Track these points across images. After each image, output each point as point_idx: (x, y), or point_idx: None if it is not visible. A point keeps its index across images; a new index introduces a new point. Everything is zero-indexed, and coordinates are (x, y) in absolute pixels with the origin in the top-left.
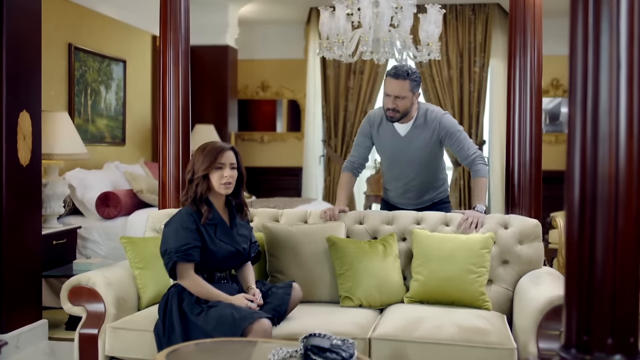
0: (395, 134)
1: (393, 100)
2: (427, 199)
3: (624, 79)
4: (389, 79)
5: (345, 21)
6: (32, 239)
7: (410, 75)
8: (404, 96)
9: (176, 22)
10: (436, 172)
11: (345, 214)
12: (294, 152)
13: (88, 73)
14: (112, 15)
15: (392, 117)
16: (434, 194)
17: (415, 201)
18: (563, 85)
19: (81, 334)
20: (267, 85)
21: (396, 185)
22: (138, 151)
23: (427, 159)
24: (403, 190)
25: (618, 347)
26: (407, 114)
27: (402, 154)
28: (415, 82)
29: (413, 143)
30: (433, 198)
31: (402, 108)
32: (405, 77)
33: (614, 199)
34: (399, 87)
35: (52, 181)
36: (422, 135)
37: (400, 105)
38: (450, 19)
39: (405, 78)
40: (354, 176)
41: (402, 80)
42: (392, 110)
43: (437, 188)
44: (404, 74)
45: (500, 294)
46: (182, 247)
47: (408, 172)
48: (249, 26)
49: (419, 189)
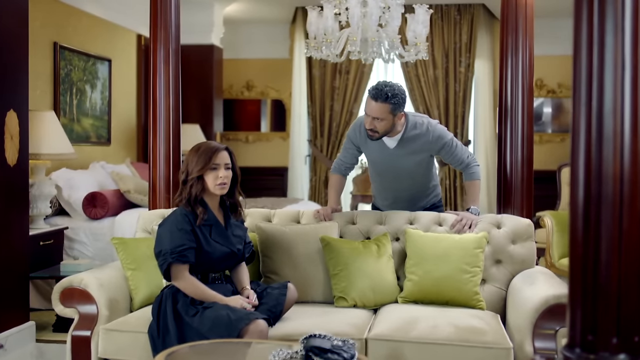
0: (383, 146)
1: (371, 121)
2: (419, 207)
3: (628, 79)
4: (369, 99)
5: (333, 21)
6: (20, 240)
7: (390, 98)
8: (382, 118)
9: (166, 21)
10: (427, 182)
11: (338, 214)
12: (279, 152)
13: (73, 72)
14: (98, 14)
15: (372, 136)
16: (426, 200)
17: (407, 208)
18: (547, 86)
19: (74, 336)
20: (252, 84)
21: (386, 195)
22: (123, 151)
23: (417, 170)
24: (393, 200)
25: (623, 347)
26: (387, 133)
27: (392, 166)
28: (395, 104)
29: (403, 156)
30: (424, 205)
31: (381, 129)
32: (384, 100)
33: (619, 198)
34: (377, 109)
35: (39, 181)
36: (412, 148)
37: (378, 126)
38: (436, 19)
39: (384, 101)
40: (344, 177)
41: (381, 102)
42: (371, 131)
43: (428, 195)
44: (383, 96)
45: (493, 293)
46: (177, 249)
47: (398, 184)
48: (234, 25)
49: (410, 199)
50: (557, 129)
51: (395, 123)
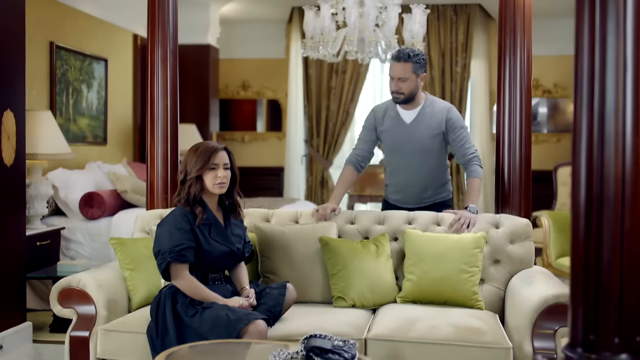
0: (400, 121)
1: (396, 83)
2: (428, 196)
3: (630, 78)
4: (392, 62)
5: (330, 21)
6: (17, 240)
7: (412, 57)
8: (406, 78)
9: (164, 20)
10: (439, 166)
11: (337, 214)
12: (275, 151)
13: (69, 72)
14: (94, 14)
15: (397, 98)
16: (436, 192)
17: (416, 198)
18: (543, 86)
19: (72, 336)
20: (248, 84)
21: (398, 178)
22: (120, 151)
23: (430, 147)
24: (404, 184)
25: (625, 347)
26: (412, 96)
27: (406, 141)
28: (418, 64)
29: (418, 130)
30: (434, 197)
31: (405, 90)
32: (407, 59)
33: (621, 198)
34: (401, 69)
35: (36, 181)
36: (428, 122)
37: (403, 87)
38: (432, 19)
39: (407, 60)
40: (356, 170)
41: (403, 62)
42: (396, 93)
43: (440, 187)
44: (406, 56)
45: (492, 293)
46: (176, 248)
47: (410, 162)
48: (230, 25)
49: (421, 183)
50: (553, 129)
51: (419, 86)
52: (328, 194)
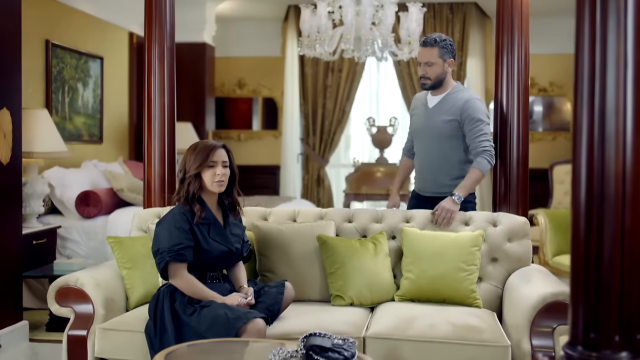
0: (425, 105)
1: (423, 67)
2: (444, 186)
3: (630, 77)
4: (420, 48)
5: (327, 19)
6: (13, 239)
7: (439, 42)
8: (432, 62)
9: (161, 19)
10: (455, 156)
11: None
12: (271, 150)
13: (65, 70)
14: (90, 12)
15: (424, 84)
16: (453, 182)
17: (432, 185)
18: (538, 84)
19: (70, 335)
20: (244, 83)
21: (417, 163)
22: (115, 149)
23: (443, 132)
24: (420, 169)
25: (625, 345)
26: (440, 82)
27: (424, 125)
28: (444, 49)
29: (436, 115)
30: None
31: (432, 75)
32: (434, 44)
33: (621, 196)
34: (427, 54)
35: (32, 180)
36: (446, 108)
37: (430, 72)
38: (429, 18)
39: (433, 45)
40: (410, 159)
41: (429, 47)
42: (423, 78)
43: (457, 178)
44: (432, 41)
45: (489, 291)
46: (175, 247)
47: (425, 146)
48: (226, 23)
49: (434, 168)
50: (549, 127)
51: (446, 71)
52: (324, 192)
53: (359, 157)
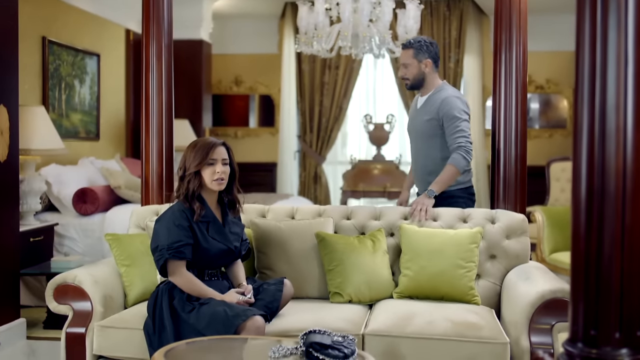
0: (415, 105)
1: (401, 69)
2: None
3: (631, 74)
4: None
5: (324, 16)
6: (10, 236)
7: (413, 43)
8: (408, 63)
9: (159, 16)
10: (435, 153)
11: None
12: (268, 147)
13: (62, 67)
14: (87, 9)
15: (406, 84)
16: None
17: (424, 183)
18: (535, 81)
19: (68, 333)
20: (240, 80)
21: (413, 164)
22: (112, 146)
23: (425, 131)
24: (414, 168)
25: (625, 341)
26: (419, 81)
27: (412, 125)
28: (419, 50)
29: (420, 115)
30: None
31: (409, 75)
32: (408, 45)
33: (622, 193)
34: (404, 55)
35: (29, 177)
36: (428, 108)
37: (407, 73)
38: (426, 15)
39: (407, 47)
40: None
41: (405, 49)
42: (403, 79)
43: None
44: (408, 43)
45: (488, 288)
46: (174, 245)
47: (414, 145)
48: (222, 20)
49: (422, 167)
50: (545, 124)
51: (423, 71)
52: (321, 189)
53: (356, 154)
